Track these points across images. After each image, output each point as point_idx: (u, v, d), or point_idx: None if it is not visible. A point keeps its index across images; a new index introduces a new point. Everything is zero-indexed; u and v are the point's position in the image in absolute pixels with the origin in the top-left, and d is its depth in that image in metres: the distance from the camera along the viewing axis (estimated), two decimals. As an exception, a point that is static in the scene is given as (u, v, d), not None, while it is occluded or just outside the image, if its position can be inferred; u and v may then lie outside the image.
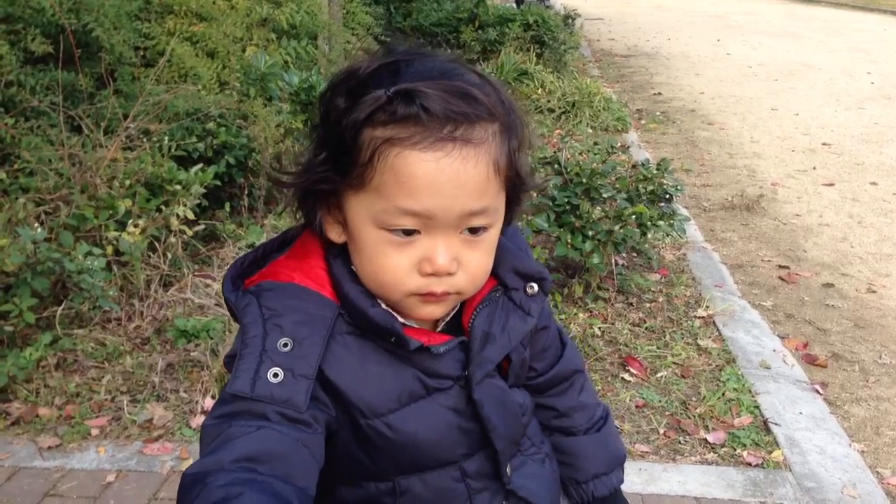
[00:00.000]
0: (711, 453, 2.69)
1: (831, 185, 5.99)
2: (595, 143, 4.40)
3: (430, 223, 0.91)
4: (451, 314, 1.04)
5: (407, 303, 0.96)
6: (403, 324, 0.98)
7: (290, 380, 0.89)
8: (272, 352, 0.90)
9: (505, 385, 1.07)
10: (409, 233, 0.91)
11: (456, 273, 0.94)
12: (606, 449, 1.26)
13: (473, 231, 0.93)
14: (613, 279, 3.75)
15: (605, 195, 3.58)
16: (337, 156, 0.92)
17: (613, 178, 3.70)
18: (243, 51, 5.25)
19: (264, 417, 0.88)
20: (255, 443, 0.86)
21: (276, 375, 0.89)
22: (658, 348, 3.34)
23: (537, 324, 1.09)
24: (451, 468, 1.04)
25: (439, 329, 1.04)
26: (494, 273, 1.02)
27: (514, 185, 0.97)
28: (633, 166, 4.04)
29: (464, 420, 1.02)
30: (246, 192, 4.29)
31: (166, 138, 3.77)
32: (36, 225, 3.03)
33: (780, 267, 4.48)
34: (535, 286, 1.06)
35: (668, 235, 3.84)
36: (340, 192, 0.93)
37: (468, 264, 0.95)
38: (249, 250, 1.04)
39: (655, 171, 3.81)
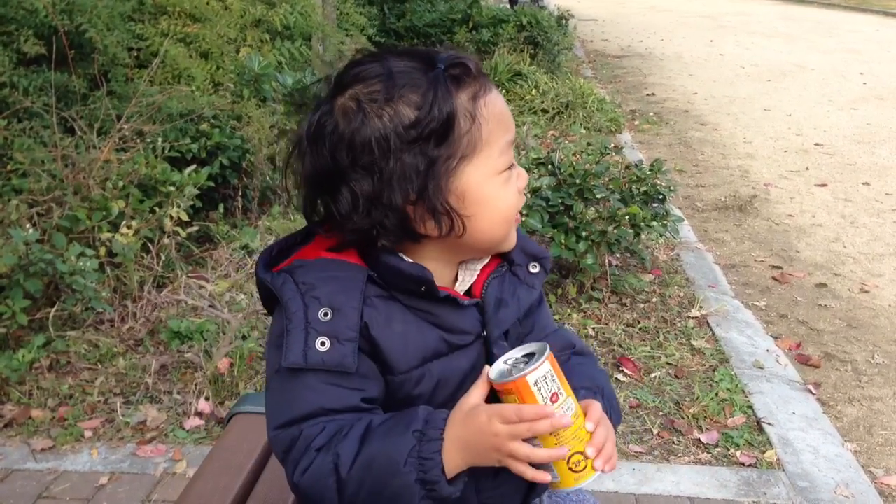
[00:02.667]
0: (705, 453, 2.69)
1: (824, 185, 6.01)
2: (588, 144, 4.42)
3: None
4: (469, 281, 1.13)
5: (513, 230, 1.11)
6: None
7: (337, 345, 0.99)
8: (315, 322, 0.99)
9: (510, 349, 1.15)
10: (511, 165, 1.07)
11: None
12: (589, 372, 1.22)
13: None
14: (607, 280, 3.75)
15: (598, 196, 3.58)
16: (441, 144, 1.00)
17: (607, 179, 3.71)
18: (237, 52, 5.25)
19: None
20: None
21: (323, 344, 0.99)
22: (652, 349, 3.34)
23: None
24: None
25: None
26: None
27: None
28: (627, 167, 4.05)
29: (479, 378, 1.08)
30: (240, 193, 4.29)
31: (160, 139, 3.76)
32: (28, 226, 3.02)
33: (773, 267, 4.49)
34: (538, 265, 1.19)
35: (661, 236, 3.85)
36: (452, 173, 1.01)
37: None
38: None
39: (649, 172, 3.82)
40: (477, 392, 1.01)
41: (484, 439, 0.97)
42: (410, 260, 1.05)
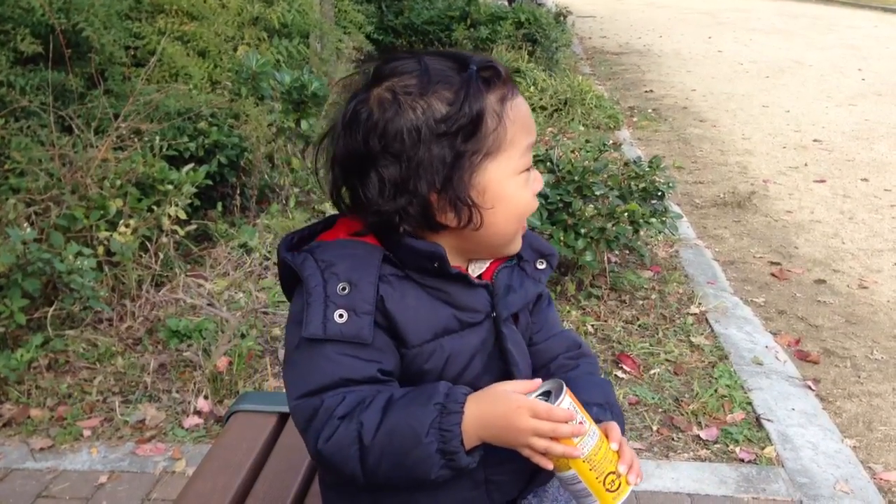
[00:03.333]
0: (704, 450, 2.69)
1: (822, 181, 6.01)
2: (587, 141, 4.40)
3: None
4: (478, 272, 1.18)
5: (520, 233, 1.16)
6: None
7: (354, 318, 1.05)
8: (333, 296, 1.05)
9: (519, 333, 1.21)
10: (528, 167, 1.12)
11: None
12: (598, 386, 1.27)
13: None
14: (606, 277, 3.75)
15: (597, 193, 3.58)
16: (468, 140, 1.05)
17: (606, 176, 3.70)
18: (235, 50, 5.24)
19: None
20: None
21: (341, 316, 1.05)
22: (651, 345, 3.34)
23: (543, 292, 1.27)
24: None
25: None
26: None
27: None
28: (626, 164, 4.04)
29: (489, 356, 1.16)
30: (238, 191, 4.28)
31: (157, 138, 3.76)
32: (26, 225, 3.02)
33: (772, 263, 4.49)
34: (545, 262, 1.24)
35: (660, 233, 3.85)
36: (476, 168, 1.06)
37: None
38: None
39: (647, 169, 3.81)
40: (519, 385, 1.06)
41: (507, 424, 1.03)
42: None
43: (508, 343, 1.17)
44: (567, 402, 1.05)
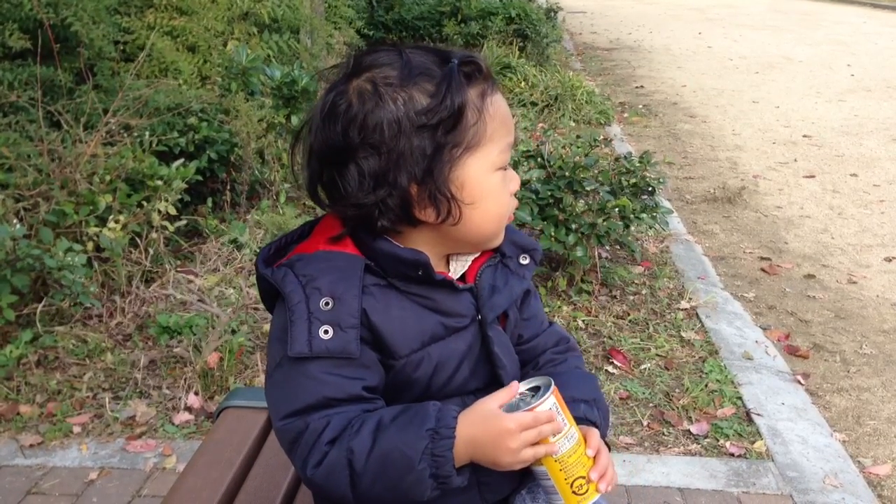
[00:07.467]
0: (695, 444, 2.70)
1: (812, 176, 6.03)
2: (578, 137, 4.42)
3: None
4: (461, 271, 1.18)
5: (502, 229, 1.15)
6: None
7: (340, 332, 1.03)
8: (317, 312, 1.03)
9: (506, 335, 1.21)
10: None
11: None
12: (586, 381, 1.27)
13: None
14: (597, 272, 3.76)
15: (588, 188, 3.58)
16: (448, 133, 1.04)
17: (596, 172, 3.71)
18: (224, 45, 5.23)
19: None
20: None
21: (326, 332, 1.03)
22: (642, 340, 3.35)
23: (528, 287, 1.25)
24: (457, 400, 1.14)
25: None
26: None
27: None
28: (616, 159, 4.05)
29: (476, 360, 1.15)
30: (228, 187, 4.27)
31: (147, 133, 3.74)
32: (15, 221, 3.00)
33: (762, 259, 4.51)
34: (528, 257, 1.22)
35: (650, 228, 3.85)
36: (455, 162, 1.05)
37: None
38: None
39: (638, 164, 3.82)
40: (501, 397, 1.05)
41: (499, 445, 1.02)
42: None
43: (495, 346, 1.16)
44: (551, 400, 1.05)
